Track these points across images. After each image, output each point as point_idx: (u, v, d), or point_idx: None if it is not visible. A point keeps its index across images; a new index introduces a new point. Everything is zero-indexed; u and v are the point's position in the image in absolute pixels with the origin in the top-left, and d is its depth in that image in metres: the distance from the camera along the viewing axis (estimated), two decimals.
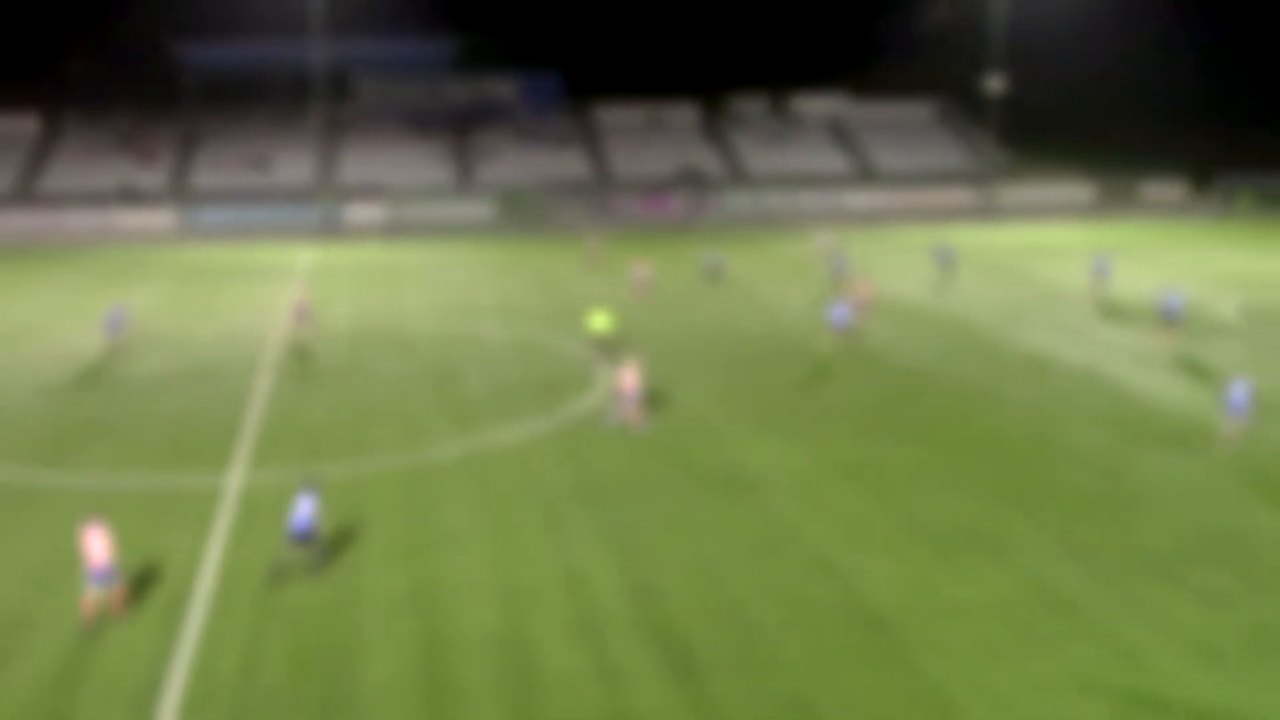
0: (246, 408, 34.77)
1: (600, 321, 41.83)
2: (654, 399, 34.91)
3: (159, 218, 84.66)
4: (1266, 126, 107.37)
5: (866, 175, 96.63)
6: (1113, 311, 47.48)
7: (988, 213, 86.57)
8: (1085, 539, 23.92)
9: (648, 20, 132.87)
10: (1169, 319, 42.30)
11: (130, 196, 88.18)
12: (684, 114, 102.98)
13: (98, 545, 20.59)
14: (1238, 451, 29.46)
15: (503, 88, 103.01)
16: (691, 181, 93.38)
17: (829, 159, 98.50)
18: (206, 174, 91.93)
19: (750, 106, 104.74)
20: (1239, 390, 29.71)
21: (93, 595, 20.56)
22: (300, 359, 41.16)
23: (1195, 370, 37.74)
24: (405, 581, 22.33)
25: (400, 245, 73.52)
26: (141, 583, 22.27)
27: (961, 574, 22.34)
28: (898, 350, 41.40)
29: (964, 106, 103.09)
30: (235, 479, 28.22)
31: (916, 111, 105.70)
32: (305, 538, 22.51)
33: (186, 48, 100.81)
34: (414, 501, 26.59)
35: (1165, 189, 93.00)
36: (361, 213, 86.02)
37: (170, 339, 45.01)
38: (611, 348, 41.72)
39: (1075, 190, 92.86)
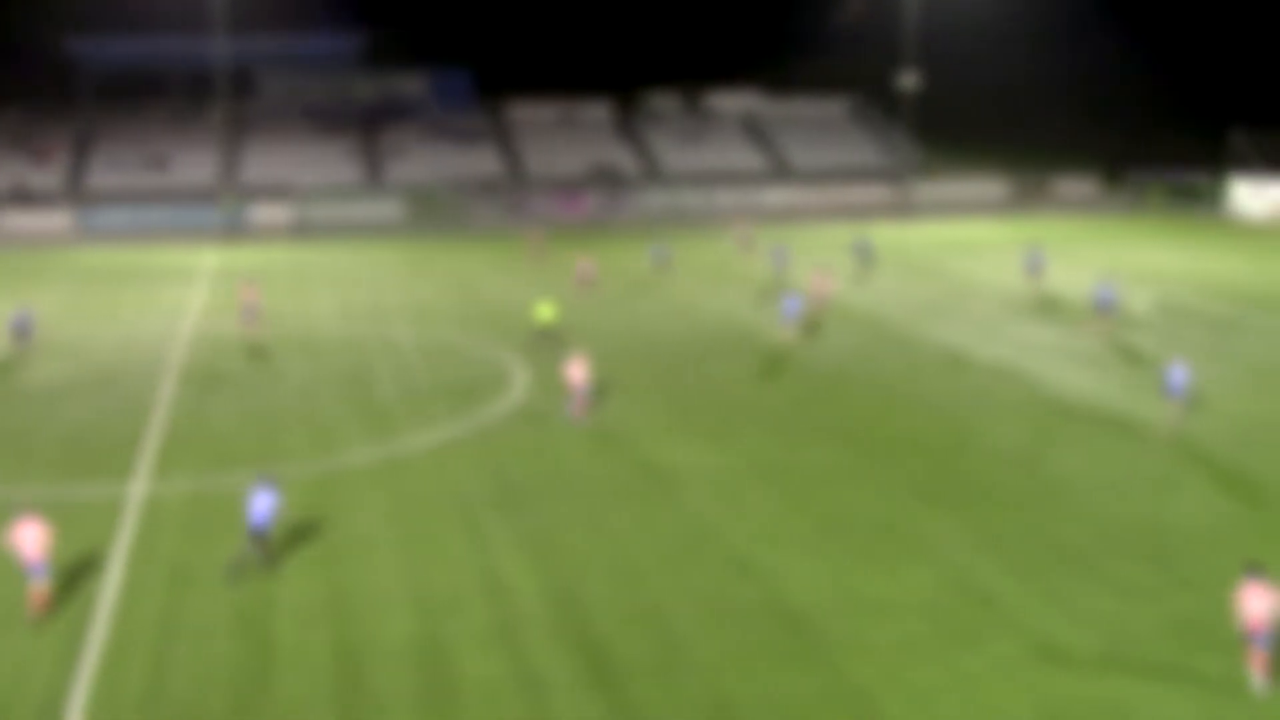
0: (149, 415, 34.17)
1: (545, 312, 43.09)
2: (568, 394, 34.88)
3: (53, 219, 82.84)
4: (1176, 123, 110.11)
5: (782, 172, 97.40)
6: (1046, 304, 48.34)
7: (903, 209, 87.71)
8: (1004, 533, 24.34)
9: (561, 16, 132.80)
10: (1103, 309, 43.55)
11: (23, 197, 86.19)
12: (598, 111, 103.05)
13: (29, 540, 21.05)
14: (1178, 434, 30.50)
15: (412, 84, 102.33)
16: (606, 179, 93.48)
17: (744, 156, 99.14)
18: (103, 174, 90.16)
19: (665, 103, 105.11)
20: (1177, 373, 30.81)
21: (38, 588, 21.11)
22: (254, 359, 40.55)
23: (1111, 363, 38.54)
24: (318, 590, 22.10)
25: (307, 246, 72.69)
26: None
27: (881, 572, 22.62)
28: (814, 348, 41.77)
29: (879, 103, 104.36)
30: (138, 488, 27.72)
31: (831, 108, 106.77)
32: (263, 532, 22.66)
33: (81, 43, 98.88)
34: (326, 509, 26.31)
35: (1077, 185, 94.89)
36: (266, 213, 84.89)
37: (68, 345, 44.06)
38: (555, 338, 43.02)
39: (989, 187, 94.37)
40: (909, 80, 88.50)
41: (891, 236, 72.76)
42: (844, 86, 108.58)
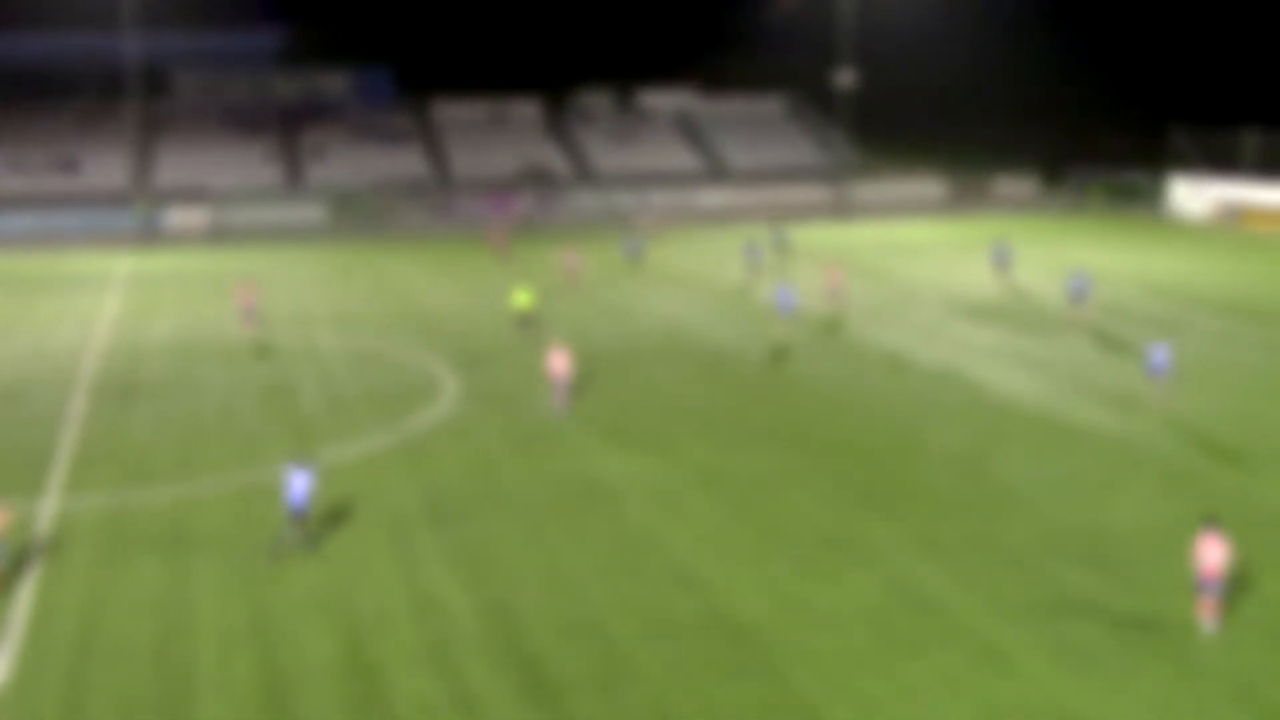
0: (59, 430, 33.59)
1: (522, 299, 45.50)
2: (505, 404, 34.79)
3: None
4: (1115, 121, 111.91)
5: (717, 173, 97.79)
6: (1018, 298, 48.88)
7: (841, 210, 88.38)
8: (948, 540, 24.58)
9: (487, 11, 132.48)
10: (1077, 299, 45.86)
11: None
12: (527, 110, 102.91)
13: None
14: (1169, 410, 32.68)
15: (332, 83, 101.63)
16: (537, 180, 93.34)
17: (678, 156, 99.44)
18: (7, 177, 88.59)
19: (596, 102, 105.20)
20: (1159, 353, 33.59)
21: None
22: (261, 359, 40.10)
23: (1054, 366, 39.07)
24: (241, 611, 21.83)
25: (225, 251, 71.89)
26: None
27: (824, 581, 22.76)
28: (750, 351, 41.97)
29: (814, 102, 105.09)
30: (48, 506, 27.24)
31: (766, 107, 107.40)
32: (302, 513, 24.01)
33: None
34: (249, 525, 26.00)
35: (1017, 184, 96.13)
36: (182, 217, 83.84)
37: None
38: (533, 325, 45.27)
39: (928, 186, 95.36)
40: (845, 78, 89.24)
41: (829, 238, 73.28)
42: (780, 85, 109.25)
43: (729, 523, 25.83)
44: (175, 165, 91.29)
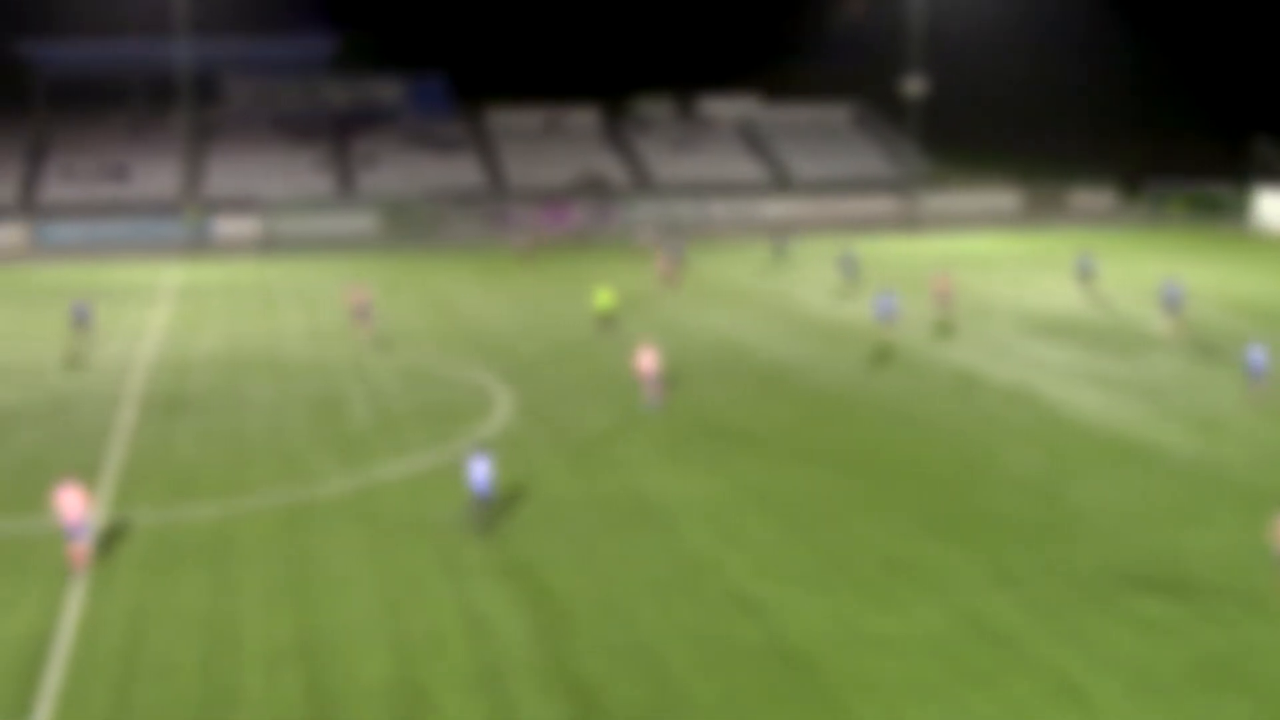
0: (107, 443, 34.12)
1: (604, 299, 48.67)
2: (558, 421, 34.95)
3: (5, 233, 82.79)
4: (1197, 131, 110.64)
5: (781, 182, 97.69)
6: (1101, 306, 48.50)
7: (910, 222, 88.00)
8: (1019, 567, 24.37)
9: (543, 17, 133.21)
10: (1171, 308, 46.78)
11: None
12: (584, 117, 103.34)
13: (70, 503, 24.18)
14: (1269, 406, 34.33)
15: (386, 90, 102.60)
16: (594, 190, 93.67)
17: (740, 165, 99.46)
18: (58, 185, 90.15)
19: (655, 109, 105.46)
20: (1256, 354, 35.70)
21: (75, 549, 24.40)
22: (379, 352, 42.57)
23: (1131, 385, 38.65)
24: (288, 630, 22.06)
25: (275, 262, 72.72)
26: None
27: (888, 607, 22.64)
28: (811, 368, 41.87)
29: (883, 110, 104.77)
30: (95, 521, 27.64)
31: (832, 115, 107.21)
32: (485, 497, 26.52)
33: (35, 46, 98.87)
34: (296, 543, 26.28)
35: (1094, 196, 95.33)
36: (232, 227, 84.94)
37: (19, 368, 44.01)
38: (612, 326, 48.37)
39: (1000, 198, 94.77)
40: (915, 85, 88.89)
41: (897, 250, 72.98)
42: (846, 92, 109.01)
43: (788, 546, 25.76)
44: (225, 174, 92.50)
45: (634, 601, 23.11)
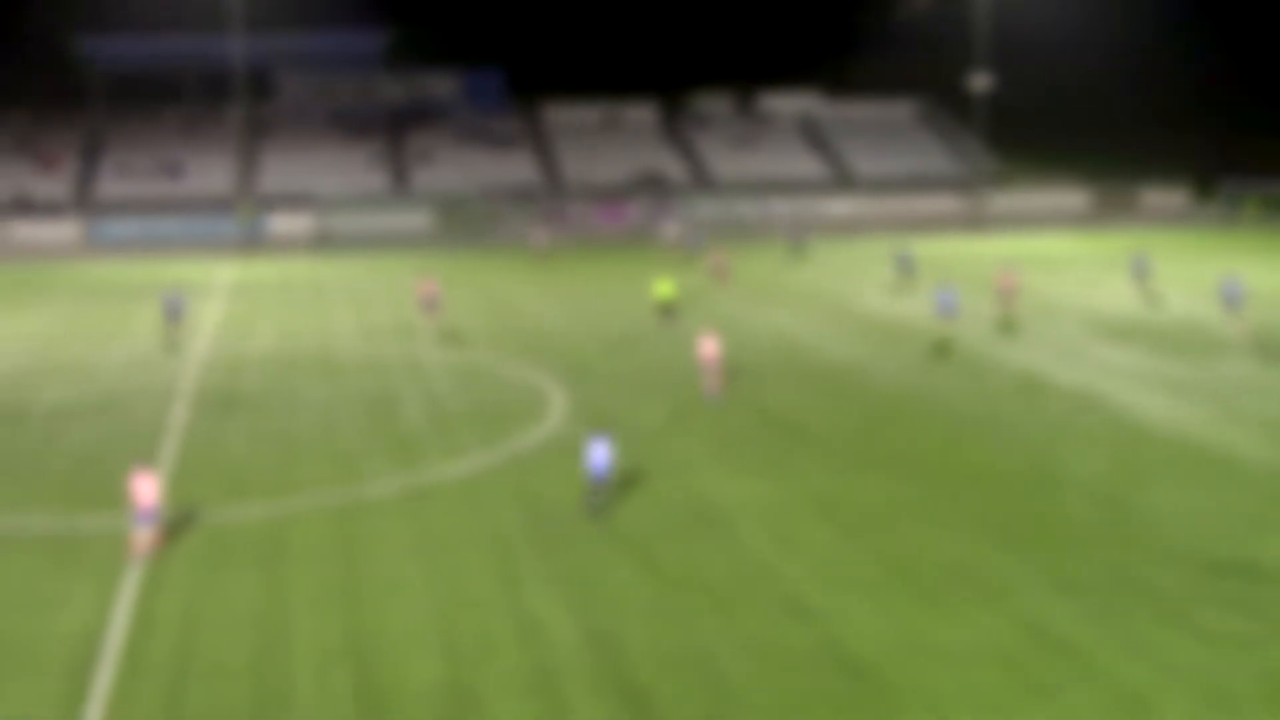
0: (159, 441, 34.59)
1: (664, 289, 50.16)
2: (614, 423, 35.04)
3: (60, 230, 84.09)
4: (1273, 129, 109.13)
5: (843, 180, 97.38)
6: (1154, 304, 48.07)
7: (975, 221, 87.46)
8: (1084, 576, 24.18)
9: (601, 10, 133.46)
10: (1231, 306, 46.72)
11: (27, 206, 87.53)
12: (642, 113, 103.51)
13: (145, 489, 25.08)
14: None
15: (441, 85, 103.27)
16: (651, 187, 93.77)
17: (802, 163, 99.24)
18: (112, 182, 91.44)
19: (715, 105, 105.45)
20: None
21: (140, 535, 25.37)
22: (447, 344, 44.55)
23: (1199, 390, 38.23)
24: (339, 631, 22.27)
25: (329, 259, 73.37)
26: (41, 637, 22.10)
27: (949, 616, 22.54)
28: (873, 368, 41.73)
29: (948, 106, 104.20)
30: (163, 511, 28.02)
31: (896, 111, 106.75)
32: (603, 479, 27.55)
33: (91, 43, 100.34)
34: (347, 544, 26.53)
35: (1165, 196, 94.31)
36: (285, 224, 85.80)
37: (73, 365, 44.72)
38: (673, 316, 49.96)
39: (1069, 197, 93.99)
40: (981, 81, 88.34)
41: (962, 251, 72.55)
42: (911, 88, 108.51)
43: (848, 552, 25.70)
44: (279, 170, 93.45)
45: (689, 607, 23.14)
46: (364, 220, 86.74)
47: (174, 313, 48.96)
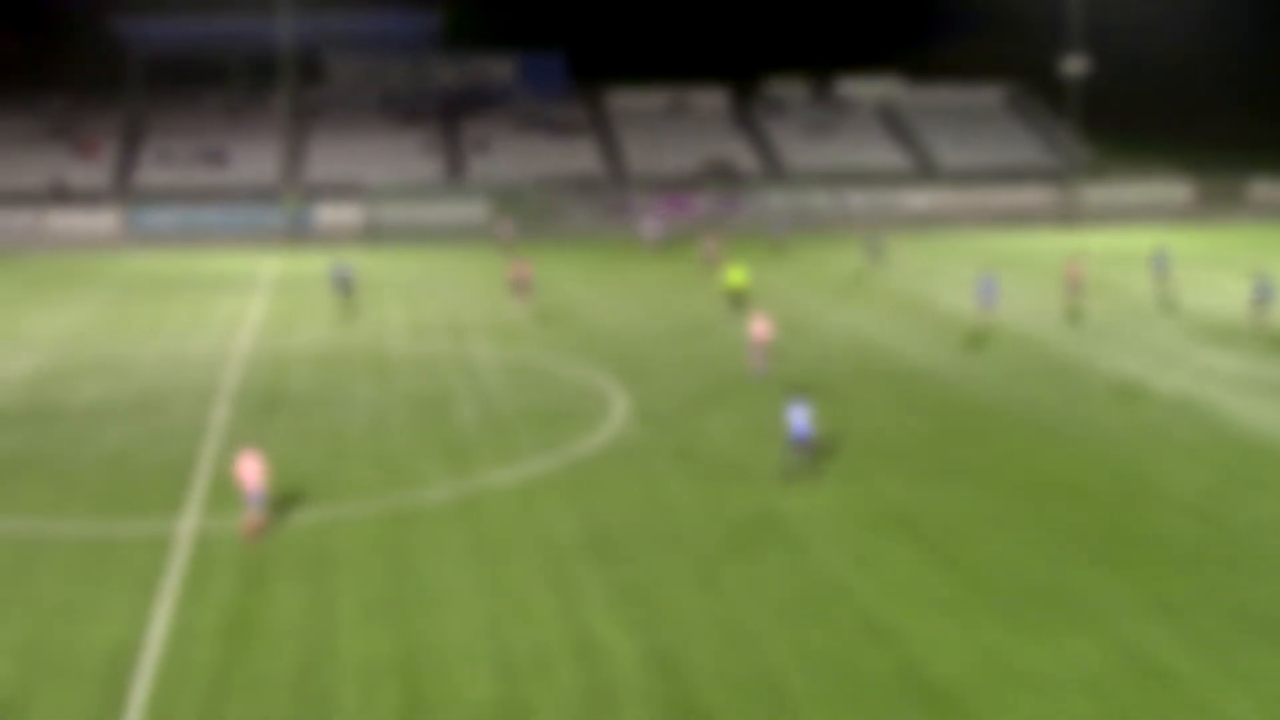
0: (200, 442, 35.02)
1: (736, 277, 52.50)
2: (680, 428, 35.08)
3: (97, 220, 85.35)
4: None
5: (925, 171, 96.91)
6: (1170, 304, 47.57)
7: (1068, 215, 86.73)
8: (1180, 597, 23.95)
9: None
10: (1261, 300, 48.46)
11: (64, 195, 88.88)
12: (711, 99, 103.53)
13: (250, 471, 26.64)
14: None
15: (498, 69, 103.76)
16: (721, 178, 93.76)
17: (881, 152, 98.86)
18: (153, 169, 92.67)
19: (789, 91, 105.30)
20: None
21: (251, 517, 26.99)
22: (542, 324, 46.77)
23: None
24: (387, 644, 22.46)
25: (379, 252, 73.91)
26: (77, 646, 22.45)
27: (1036, 639, 22.39)
28: (954, 373, 41.51)
29: (1039, 92, 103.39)
30: (187, 525, 28.42)
31: (983, 97, 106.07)
32: (805, 442, 30.17)
33: (130, 23, 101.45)
34: (396, 552, 26.74)
35: (1276, 188, 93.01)
36: (333, 215, 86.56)
37: (110, 361, 45.37)
38: (743, 304, 51.85)
39: (1170, 189, 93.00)
40: (1075, 64, 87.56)
41: (1054, 246, 71.96)
42: (998, 72, 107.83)
43: (926, 569, 25.59)
44: (327, 158, 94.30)
45: (757, 626, 23.14)
46: (415, 211, 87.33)
47: (343, 284, 54.54)
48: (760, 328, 41.52)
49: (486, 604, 24.13)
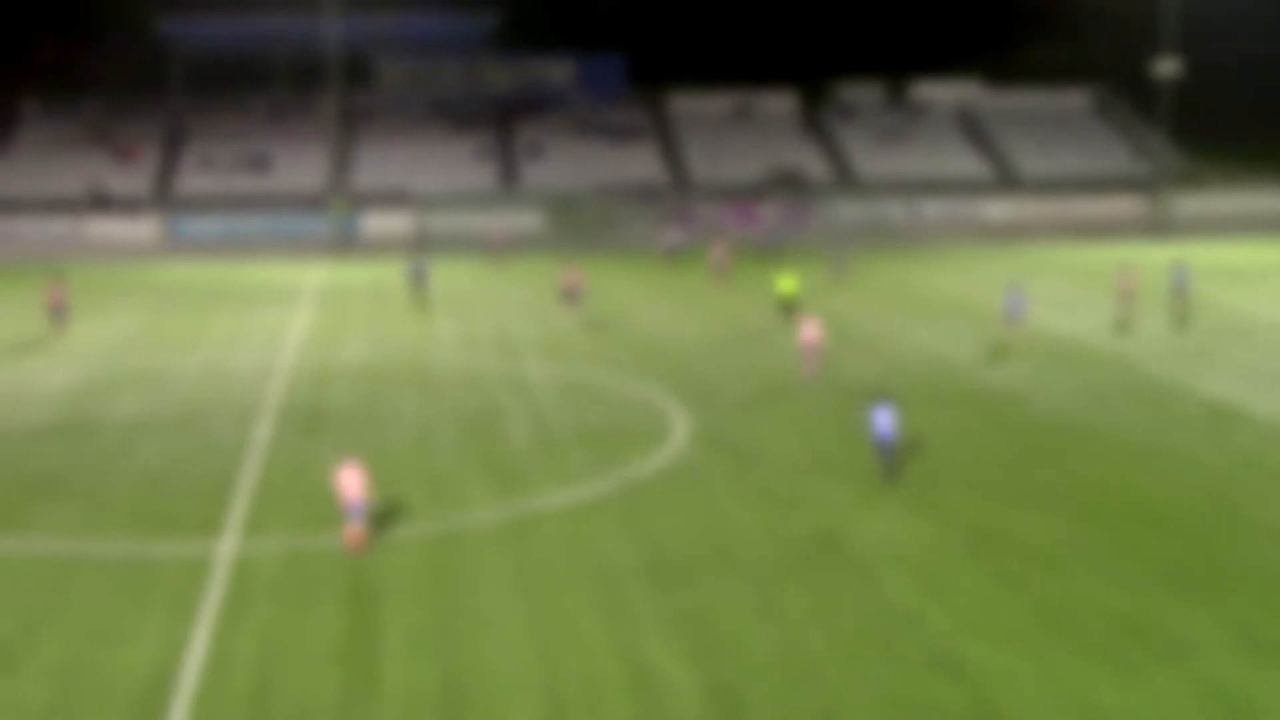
0: (241, 460, 35.34)
1: (787, 284, 54.13)
2: (743, 450, 35.06)
3: (137, 227, 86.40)
4: None
5: (1005, 180, 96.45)
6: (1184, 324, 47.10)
7: (1157, 227, 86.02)
8: (1277, 633, 23.69)
9: None
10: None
11: (102, 202, 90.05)
12: (779, 104, 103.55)
13: (350, 482, 27.40)
14: None
15: (555, 71, 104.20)
16: (788, 187, 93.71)
17: (959, 160, 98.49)
18: (195, 176, 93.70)
19: (861, 95, 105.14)
20: None
21: (353, 529, 27.66)
22: (590, 331, 48.02)
23: None
24: (432, 674, 22.57)
25: (430, 262, 74.30)
26: (112, 671, 22.70)
27: (1120, 677, 22.21)
28: (1036, 394, 41.25)
29: (1128, 95, 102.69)
30: (226, 548, 28.69)
31: (1067, 101, 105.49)
32: (889, 444, 31.97)
33: (172, 24, 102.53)
34: (443, 577, 26.86)
35: None
36: (381, 223, 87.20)
37: (149, 375, 45.88)
38: (795, 313, 53.09)
39: (1270, 199, 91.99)
40: (1167, 67, 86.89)
41: (1144, 260, 71.42)
42: (1084, 75, 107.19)
43: (1003, 600, 25.43)
44: (376, 164, 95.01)
45: (821, 658, 23.07)
46: (467, 220, 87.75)
47: (419, 277, 60.27)
48: (810, 332, 43.13)
49: (535, 632, 24.19)
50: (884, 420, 31.72)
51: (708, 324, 54.28)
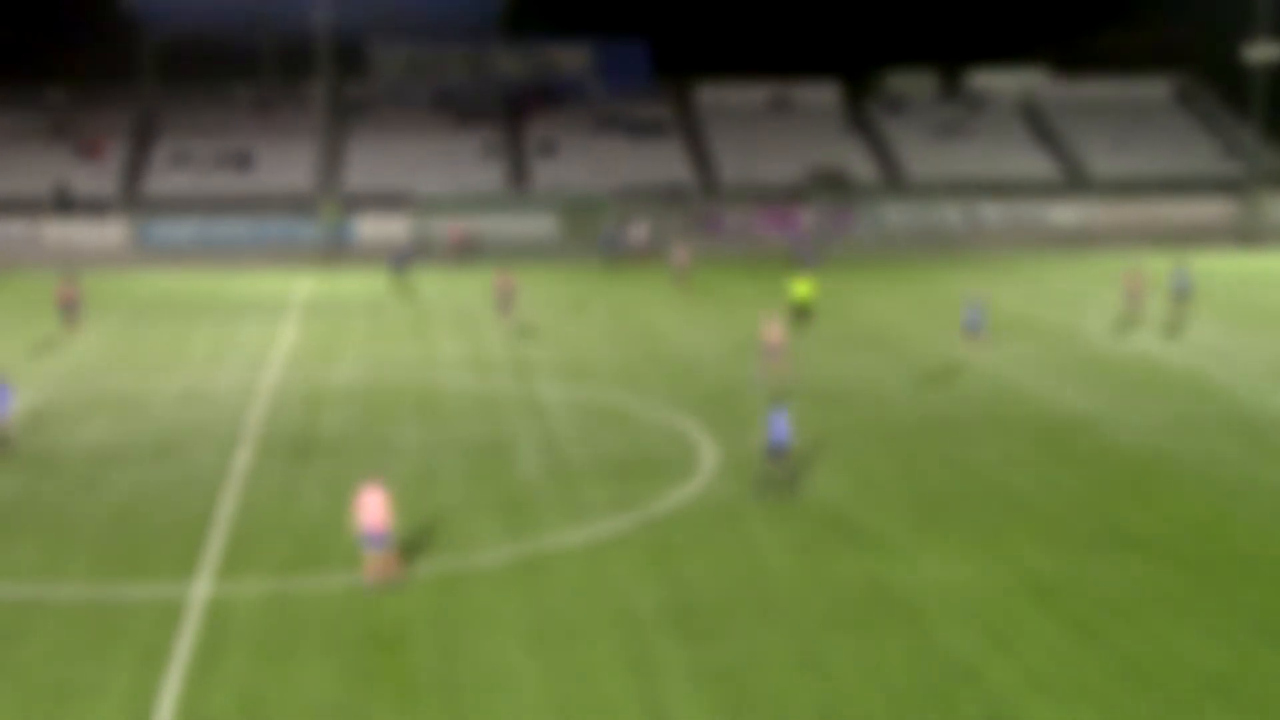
0: (219, 493, 35.34)
1: (802, 289, 56.81)
2: (778, 481, 35.01)
3: (103, 232, 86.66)
4: None
5: (1075, 180, 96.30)
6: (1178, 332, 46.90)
7: (1248, 234, 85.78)
8: None
9: None
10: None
11: (65, 202, 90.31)
12: (820, 96, 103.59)
13: (371, 509, 27.82)
14: None
15: (570, 59, 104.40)
16: (830, 188, 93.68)
17: (1022, 158, 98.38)
18: (167, 174, 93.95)
19: (912, 86, 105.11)
20: None
21: (371, 559, 28.08)
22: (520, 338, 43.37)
23: None
24: None
25: (429, 271, 74.39)
26: None
27: None
28: (1111, 421, 41.11)
29: (1215, 85, 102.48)
30: (200, 590, 28.68)
31: (1145, 92, 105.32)
32: (782, 450, 33.77)
33: (142, 4, 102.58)
34: (447, 624, 26.82)
35: None
36: (376, 228, 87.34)
37: (117, 397, 45.94)
38: (808, 318, 56.07)
39: None
40: (1261, 52, 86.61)
41: (1231, 270, 71.19)
42: (1165, 62, 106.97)
43: (1073, 653, 25.32)
44: (370, 163, 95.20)
45: (869, 716, 23.00)
46: (472, 225, 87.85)
47: (400, 264, 67.46)
48: (774, 332, 46.09)
49: (550, 687, 24.13)
50: (780, 426, 33.68)
51: (742, 339, 54.16)
